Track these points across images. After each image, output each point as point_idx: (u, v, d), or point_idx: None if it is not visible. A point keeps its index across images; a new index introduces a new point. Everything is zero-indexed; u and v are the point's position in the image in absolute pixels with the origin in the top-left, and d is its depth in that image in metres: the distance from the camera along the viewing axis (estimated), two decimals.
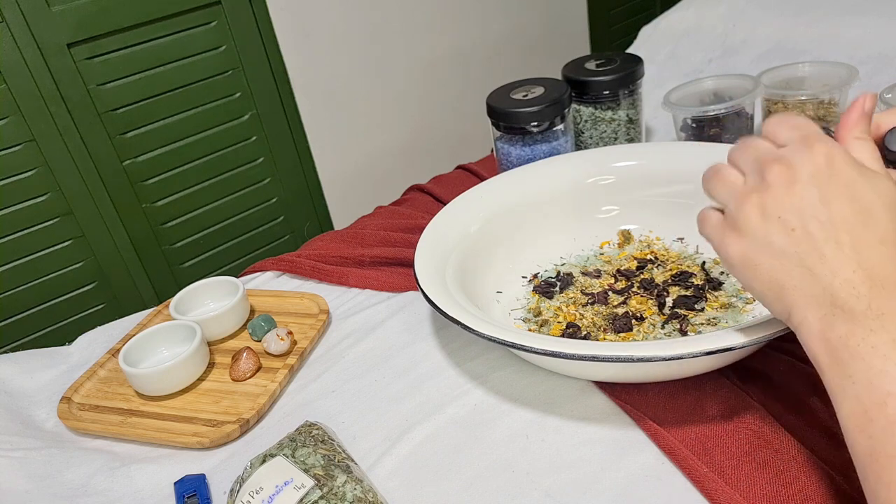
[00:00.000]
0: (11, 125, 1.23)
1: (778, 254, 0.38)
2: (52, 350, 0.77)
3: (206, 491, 0.54)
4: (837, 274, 0.36)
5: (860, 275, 0.35)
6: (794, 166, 0.38)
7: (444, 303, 0.56)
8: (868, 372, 0.34)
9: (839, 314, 0.36)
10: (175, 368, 0.63)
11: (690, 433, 0.50)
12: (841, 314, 0.35)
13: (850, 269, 0.36)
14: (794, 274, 0.37)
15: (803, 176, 0.37)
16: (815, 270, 0.37)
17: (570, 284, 0.68)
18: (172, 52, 1.36)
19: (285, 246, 1.66)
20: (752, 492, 0.45)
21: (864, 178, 0.37)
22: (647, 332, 0.60)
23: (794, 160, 0.38)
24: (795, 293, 0.38)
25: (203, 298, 0.75)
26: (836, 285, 0.36)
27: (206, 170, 1.48)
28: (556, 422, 0.54)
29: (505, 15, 1.90)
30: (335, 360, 0.66)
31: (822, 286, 0.36)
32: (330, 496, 0.46)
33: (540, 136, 0.82)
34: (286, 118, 1.56)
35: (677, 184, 0.71)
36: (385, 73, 1.71)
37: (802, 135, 0.39)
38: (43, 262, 1.33)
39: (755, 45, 1.07)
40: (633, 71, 0.85)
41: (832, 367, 0.36)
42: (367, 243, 0.84)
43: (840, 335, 0.35)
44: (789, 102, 0.82)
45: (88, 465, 0.59)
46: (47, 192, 1.30)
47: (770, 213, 0.38)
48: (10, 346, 1.35)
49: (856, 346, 0.35)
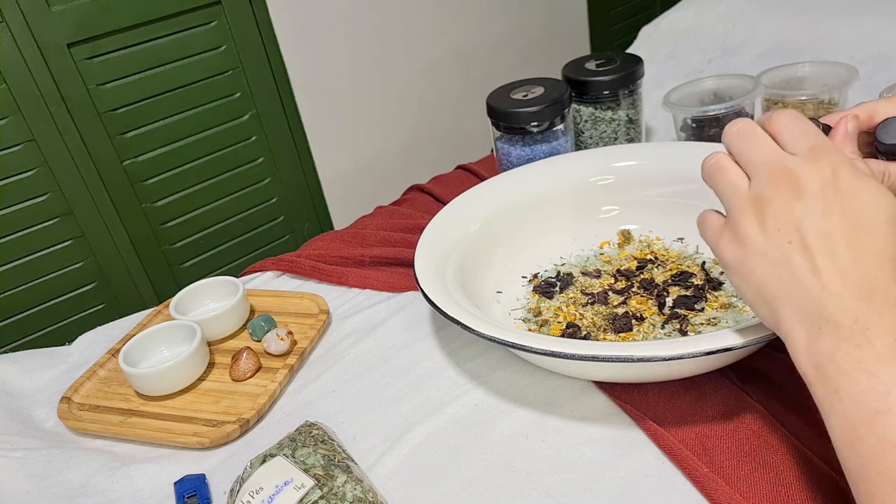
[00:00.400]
0: (11, 125, 1.23)
1: (772, 264, 0.38)
2: (52, 350, 0.77)
3: (206, 491, 0.54)
4: (827, 286, 0.35)
5: (850, 288, 0.35)
6: (800, 181, 0.37)
7: (444, 303, 0.56)
8: (854, 388, 0.33)
9: (826, 327, 0.35)
10: (175, 368, 0.63)
11: (690, 433, 0.50)
12: (827, 327, 0.35)
13: (840, 282, 0.35)
14: (785, 285, 0.37)
15: (809, 191, 0.37)
16: (805, 282, 0.36)
17: (570, 284, 0.68)
18: (172, 52, 1.36)
19: (285, 246, 1.66)
20: (752, 492, 0.45)
21: (868, 192, 0.36)
22: (647, 332, 0.60)
23: (801, 173, 0.37)
24: (785, 304, 0.37)
25: (203, 298, 0.75)
26: (824, 298, 0.35)
27: (206, 170, 1.48)
28: (556, 422, 0.54)
29: (505, 15, 1.90)
30: (335, 360, 0.66)
31: (811, 298, 0.36)
32: (330, 496, 0.46)
33: (540, 136, 0.82)
34: (286, 118, 1.56)
35: (677, 184, 0.71)
36: (385, 72, 1.71)
37: (812, 145, 0.38)
38: (43, 262, 1.33)
39: (755, 45, 1.07)
40: (633, 71, 0.85)
41: (819, 381, 0.35)
42: (367, 243, 0.84)
43: (826, 349, 0.35)
44: (789, 102, 0.82)
45: (88, 465, 0.59)
46: (47, 192, 1.30)
47: (769, 226, 0.38)
48: (10, 346, 1.35)
49: (842, 360, 0.34)
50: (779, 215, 0.38)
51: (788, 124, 0.40)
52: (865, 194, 0.36)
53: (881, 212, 0.36)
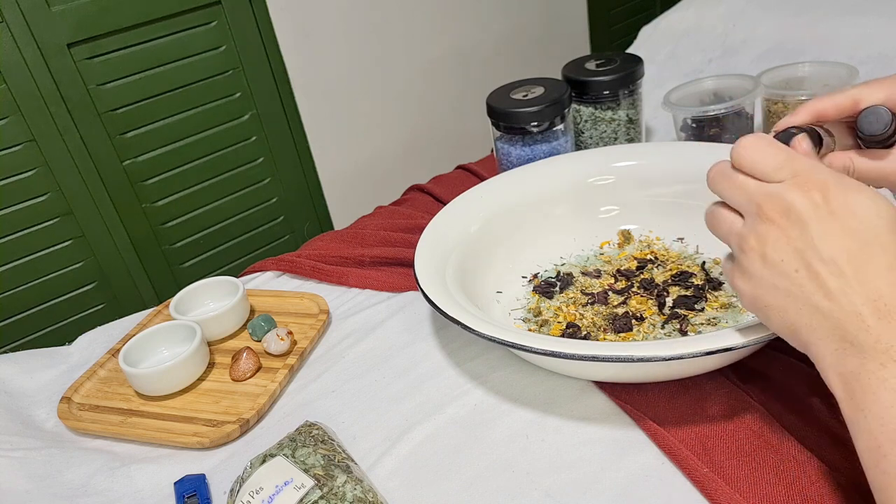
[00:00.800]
0: (11, 125, 1.23)
1: (784, 295, 0.38)
2: (52, 350, 0.77)
3: (206, 491, 0.54)
4: (844, 308, 0.35)
5: (868, 307, 0.35)
6: (791, 209, 0.37)
7: (444, 303, 0.56)
8: (878, 407, 0.33)
9: (849, 348, 0.35)
10: (175, 368, 0.63)
11: (690, 433, 0.50)
12: (851, 348, 0.35)
13: (858, 301, 0.35)
14: (804, 313, 0.37)
15: (802, 217, 0.36)
16: (822, 307, 0.36)
17: (570, 284, 0.68)
18: (172, 52, 1.36)
19: (285, 246, 1.66)
20: (752, 492, 0.45)
21: (863, 206, 0.36)
22: (647, 332, 0.60)
23: (791, 201, 0.37)
24: (808, 331, 0.37)
25: (203, 298, 0.75)
26: (844, 320, 0.35)
27: (206, 170, 1.48)
28: (556, 422, 0.54)
29: (505, 15, 1.90)
30: (335, 360, 0.66)
31: (831, 322, 0.36)
32: (330, 496, 0.46)
33: (540, 136, 0.82)
34: (286, 118, 1.56)
35: (677, 184, 0.71)
36: (385, 73, 1.71)
37: (793, 171, 0.38)
38: (43, 262, 1.33)
39: (755, 45, 1.07)
40: (633, 71, 0.85)
41: (846, 400, 0.35)
42: (367, 243, 0.84)
43: (851, 369, 0.35)
44: (789, 102, 0.82)
45: (88, 465, 0.59)
46: (47, 192, 1.30)
47: (771, 258, 0.38)
48: (10, 346, 1.35)
49: (867, 380, 0.34)
50: (778, 246, 0.37)
51: (758, 156, 0.39)
52: (861, 208, 0.36)
53: (881, 223, 0.36)
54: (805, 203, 0.37)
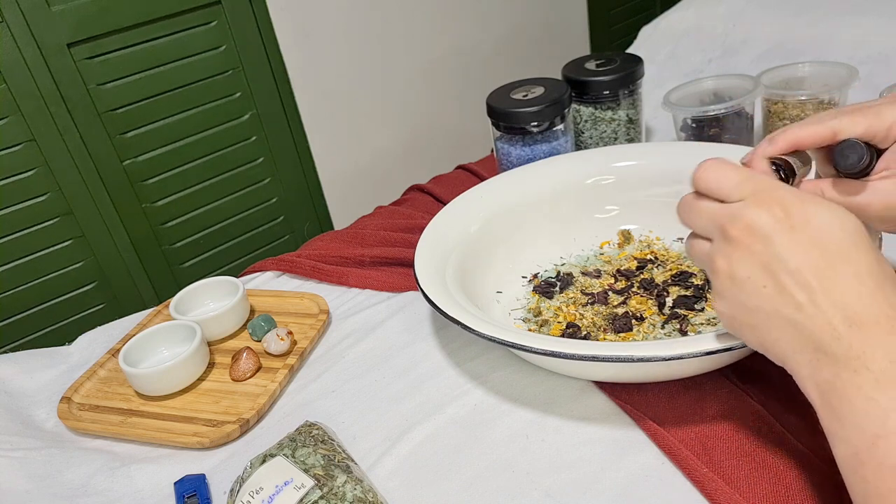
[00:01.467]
0: (11, 125, 1.23)
1: (756, 311, 0.38)
2: (52, 350, 0.77)
3: (206, 491, 0.54)
4: (814, 319, 0.35)
5: (838, 317, 0.35)
6: (753, 226, 0.37)
7: (444, 303, 0.56)
8: (854, 414, 0.34)
9: (823, 358, 0.35)
10: (175, 368, 0.63)
11: (690, 433, 0.50)
12: (825, 358, 0.35)
13: (828, 311, 0.35)
14: (777, 327, 0.37)
15: (764, 233, 0.37)
16: (793, 319, 0.36)
17: (570, 284, 0.68)
18: (172, 52, 1.36)
19: (285, 246, 1.66)
20: (752, 492, 0.45)
21: (822, 217, 0.36)
22: (647, 332, 0.60)
23: (751, 218, 0.37)
24: (782, 344, 0.38)
25: (203, 298, 0.75)
26: (815, 330, 0.35)
27: (206, 170, 1.48)
28: (556, 422, 0.54)
29: (505, 15, 1.90)
30: (335, 360, 0.66)
31: (803, 334, 0.36)
32: (330, 496, 0.46)
33: (540, 136, 0.82)
34: (286, 118, 1.56)
35: (677, 184, 0.70)
36: (385, 72, 1.71)
37: (752, 189, 0.38)
38: (43, 262, 1.33)
39: (755, 45, 1.07)
40: (633, 71, 0.85)
41: (824, 409, 0.36)
42: (367, 243, 0.84)
43: (827, 378, 0.35)
44: (789, 102, 0.82)
45: (88, 465, 0.59)
46: (47, 192, 1.30)
47: (739, 276, 0.38)
48: (10, 346, 1.34)
49: (842, 388, 0.34)
50: (744, 264, 0.38)
51: (718, 177, 0.40)
52: (822, 221, 0.36)
53: (842, 232, 0.36)
54: (767, 218, 0.37)
